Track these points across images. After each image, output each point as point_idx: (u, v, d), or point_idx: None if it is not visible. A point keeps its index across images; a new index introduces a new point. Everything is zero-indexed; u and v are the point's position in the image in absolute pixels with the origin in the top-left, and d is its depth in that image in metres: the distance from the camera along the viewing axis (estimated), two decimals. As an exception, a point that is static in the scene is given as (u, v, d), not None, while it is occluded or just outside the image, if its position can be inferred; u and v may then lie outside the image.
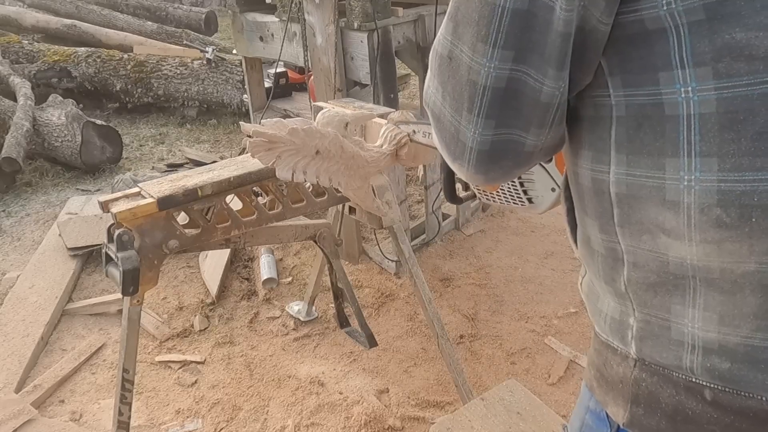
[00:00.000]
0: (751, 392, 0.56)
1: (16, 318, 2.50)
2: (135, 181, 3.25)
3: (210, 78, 5.00)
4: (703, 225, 0.55)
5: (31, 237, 3.30)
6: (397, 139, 1.61)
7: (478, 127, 0.62)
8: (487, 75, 0.59)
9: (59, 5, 7.66)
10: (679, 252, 0.57)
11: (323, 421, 2.02)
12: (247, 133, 1.41)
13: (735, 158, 0.52)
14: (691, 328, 0.58)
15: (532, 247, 3.02)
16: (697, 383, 0.59)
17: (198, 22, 7.58)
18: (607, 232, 0.64)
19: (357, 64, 2.44)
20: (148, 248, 1.47)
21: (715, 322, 0.57)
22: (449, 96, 0.64)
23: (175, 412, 2.10)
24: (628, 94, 0.58)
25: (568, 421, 0.82)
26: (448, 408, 2.05)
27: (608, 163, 0.61)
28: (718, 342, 0.57)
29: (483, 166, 0.65)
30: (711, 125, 0.52)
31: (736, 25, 0.50)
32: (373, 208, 1.71)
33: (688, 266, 0.57)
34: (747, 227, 0.53)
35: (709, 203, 0.54)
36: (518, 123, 0.62)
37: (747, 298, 0.55)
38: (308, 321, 2.52)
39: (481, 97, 0.61)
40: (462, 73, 0.61)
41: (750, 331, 0.55)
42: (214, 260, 2.86)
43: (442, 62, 0.64)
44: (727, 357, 0.57)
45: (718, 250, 0.55)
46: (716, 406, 0.58)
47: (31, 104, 4.21)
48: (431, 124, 0.70)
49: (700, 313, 0.58)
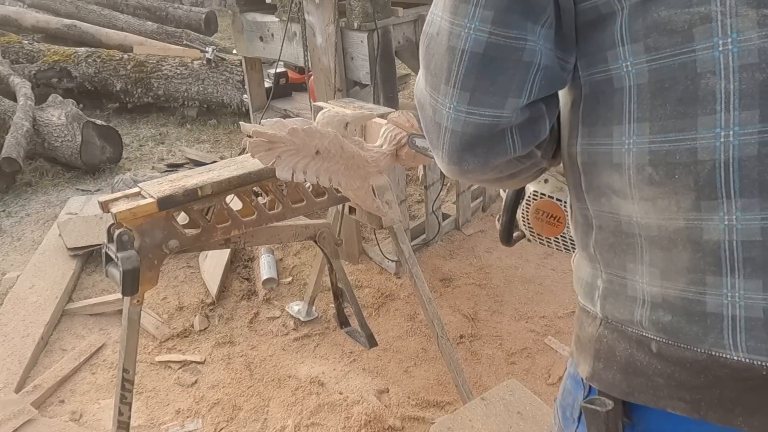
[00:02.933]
0: (687, 344, 0.59)
1: (16, 318, 2.50)
2: (135, 181, 3.25)
3: (210, 78, 5.00)
4: (639, 183, 0.60)
5: (31, 237, 3.30)
6: (397, 139, 1.61)
7: (453, 100, 0.63)
8: (467, 38, 0.61)
9: (59, 5, 7.66)
10: (627, 210, 0.63)
11: (323, 421, 2.02)
12: (247, 133, 1.41)
13: (662, 121, 0.57)
14: (641, 284, 0.63)
15: (532, 247, 3.02)
16: (646, 336, 0.63)
17: (198, 22, 7.58)
18: (580, 199, 0.69)
19: (357, 64, 2.44)
20: (148, 248, 1.47)
21: (658, 276, 0.61)
22: (430, 74, 0.65)
23: (175, 412, 2.10)
24: (590, 73, 0.63)
25: None
26: (448, 408, 2.05)
27: (576, 136, 0.66)
28: (661, 296, 0.61)
29: (456, 153, 0.66)
30: (644, 94, 0.59)
31: (662, 4, 0.56)
32: (373, 208, 1.71)
33: (634, 224, 0.63)
34: (672, 184, 0.58)
35: (643, 163, 0.59)
36: (493, 95, 0.63)
37: (680, 254, 0.59)
38: (308, 321, 2.52)
39: (458, 63, 0.62)
40: (443, 42, 0.63)
41: (684, 285, 0.59)
42: (214, 260, 2.86)
43: (430, 41, 0.66)
44: (668, 310, 0.61)
45: (654, 207, 0.60)
46: (660, 357, 0.61)
47: (31, 104, 4.21)
48: None
49: (646, 269, 0.62)
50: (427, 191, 2.90)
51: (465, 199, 3.17)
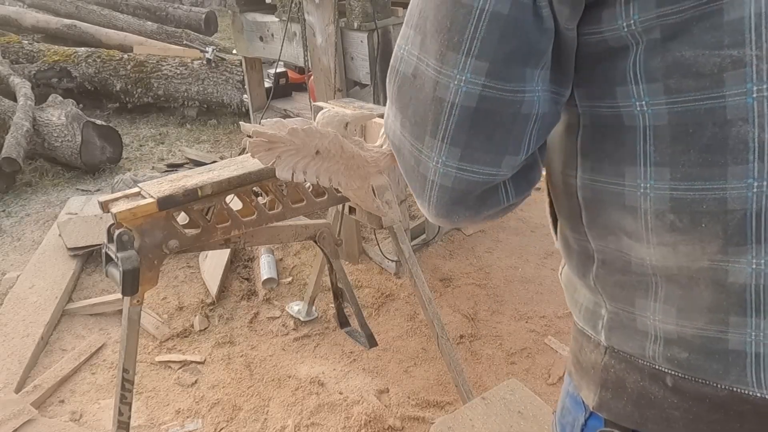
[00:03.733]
0: (707, 379, 0.59)
1: (16, 318, 2.50)
2: (135, 181, 3.25)
3: (210, 78, 5.00)
4: (658, 229, 0.57)
5: (31, 237, 3.30)
6: (397, 139, 1.61)
7: (441, 155, 0.58)
8: (457, 90, 0.55)
9: (59, 5, 7.66)
10: (639, 253, 0.60)
11: (323, 421, 2.02)
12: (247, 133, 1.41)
13: (685, 168, 0.54)
14: (653, 320, 0.61)
15: (532, 247, 3.02)
16: (660, 370, 0.61)
17: (198, 22, 7.58)
18: (577, 231, 0.66)
19: (357, 64, 2.44)
20: (148, 248, 1.47)
21: (674, 315, 0.60)
22: (409, 122, 0.59)
23: (175, 412, 2.10)
24: (593, 105, 0.59)
25: None
26: (448, 408, 2.05)
27: (575, 167, 0.62)
28: (677, 333, 0.60)
29: (444, 207, 0.62)
30: (663, 137, 0.55)
31: (686, 44, 0.52)
32: (373, 208, 1.71)
33: (648, 266, 0.60)
34: (698, 232, 0.55)
35: (663, 209, 0.56)
36: (488, 153, 0.58)
37: (702, 293, 0.58)
38: (308, 321, 2.52)
39: (447, 117, 0.56)
40: (427, 90, 0.57)
41: (704, 324, 0.58)
42: (214, 260, 2.86)
43: (404, 82, 0.59)
44: (685, 347, 0.60)
45: (674, 251, 0.58)
46: (676, 391, 0.61)
47: (31, 104, 4.21)
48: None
49: (660, 306, 0.61)
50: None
51: (465, 199, 3.17)
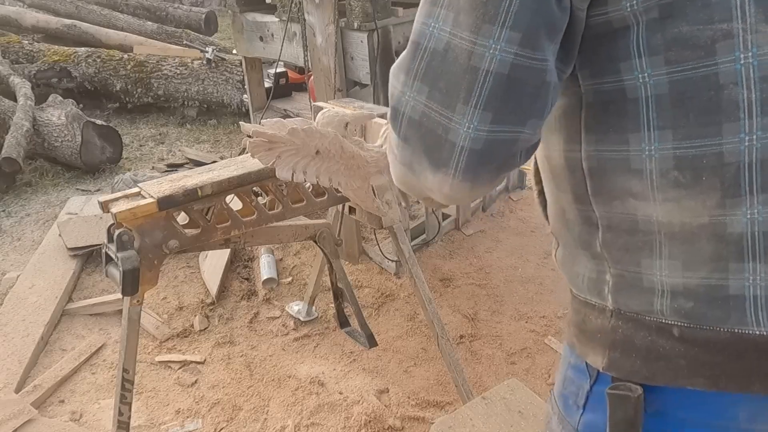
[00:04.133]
0: (710, 325, 0.66)
1: (16, 318, 2.50)
2: (135, 181, 3.25)
3: (210, 78, 5.00)
4: (663, 186, 0.65)
5: (31, 237, 3.30)
6: (397, 139, 1.61)
7: (473, 120, 0.62)
8: (492, 59, 0.61)
9: (59, 5, 7.66)
10: (646, 211, 0.67)
11: (323, 421, 2.02)
12: (247, 133, 1.41)
13: (686, 129, 0.62)
14: (660, 276, 0.68)
15: (532, 247, 3.02)
16: (667, 323, 0.68)
17: (198, 22, 7.58)
18: (582, 202, 0.72)
19: (357, 64, 2.44)
20: (148, 248, 1.47)
21: (680, 268, 0.67)
22: (439, 93, 0.64)
23: (175, 412, 2.10)
24: (596, 83, 0.66)
25: None
26: (448, 408, 2.05)
27: (579, 143, 0.69)
28: (682, 285, 0.67)
29: (471, 170, 0.65)
30: (665, 104, 0.63)
31: (683, 21, 0.60)
32: (373, 208, 1.71)
33: (654, 223, 0.67)
34: (699, 185, 0.63)
35: (668, 167, 0.64)
36: (519, 117, 0.64)
37: (704, 246, 0.65)
38: (308, 321, 2.52)
39: (481, 84, 0.62)
40: (461, 61, 0.62)
41: (707, 273, 0.65)
42: (214, 260, 2.86)
43: (434, 57, 0.64)
44: (690, 297, 0.66)
45: (678, 207, 0.65)
46: (683, 341, 0.67)
47: (31, 104, 4.21)
48: (396, 142, 0.69)
49: (666, 262, 0.67)
50: (427, 191, 2.89)
51: (465, 199, 3.17)
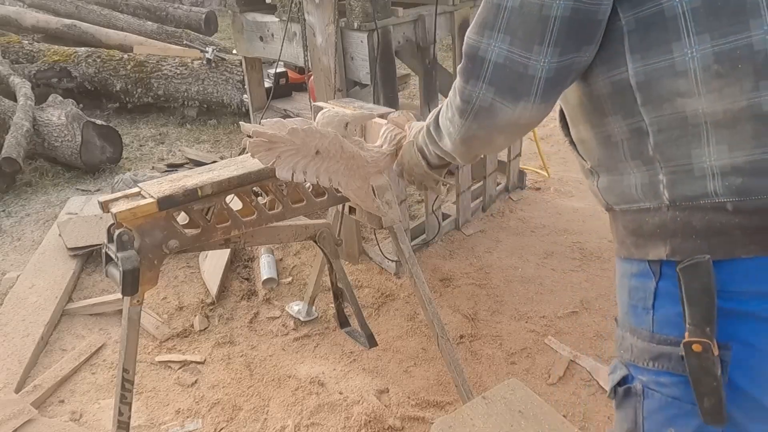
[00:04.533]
0: (759, 195, 0.78)
1: (16, 318, 2.50)
2: (135, 181, 3.25)
3: (210, 78, 5.00)
4: (706, 79, 0.80)
5: (31, 237, 3.30)
6: (397, 139, 1.61)
7: (547, 56, 0.85)
8: (557, 6, 0.82)
9: (59, 5, 7.66)
10: (693, 106, 0.81)
11: (323, 421, 2.02)
12: (247, 133, 1.41)
13: (720, 29, 0.78)
14: (709, 162, 0.81)
15: (532, 247, 3.02)
16: (721, 202, 0.80)
17: (198, 22, 7.58)
18: (632, 115, 0.86)
19: (357, 64, 2.44)
20: (148, 248, 1.47)
21: (726, 151, 0.80)
22: (519, 40, 0.85)
23: (175, 412, 2.10)
24: (635, 13, 0.83)
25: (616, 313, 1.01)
26: (448, 408, 2.05)
27: (624, 65, 0.85)
28: (730, 165, 0.80)
29: (548, 94, 0.87)
30: (700, 13, 0.79)
31: None
32: (373, 208, 1.71)
33: (700, 114, 0.81)
34: (736, 72, 0.78)
35: (709, 63, 0.79)
36: (577, 46, 0.85)
37: (745, 127, 0.79)
38: (308, 321, 2.52)
39: (552, 28, 0.83)
40: (533, 12, 0.83)
41: (751, 150, 0.79)
42: (214, 260, 2.87)
43: (512, 13, 0.85)
44: (739, 174, 0.79)
45: (720, 95, 0.79)
46: (737, 213, 0.79)
47: (31, 104, 4.21)
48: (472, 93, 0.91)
49: (714, 148, 0.81)
50: (427, 191, 2.89)
51: (465, 199, 3.17)
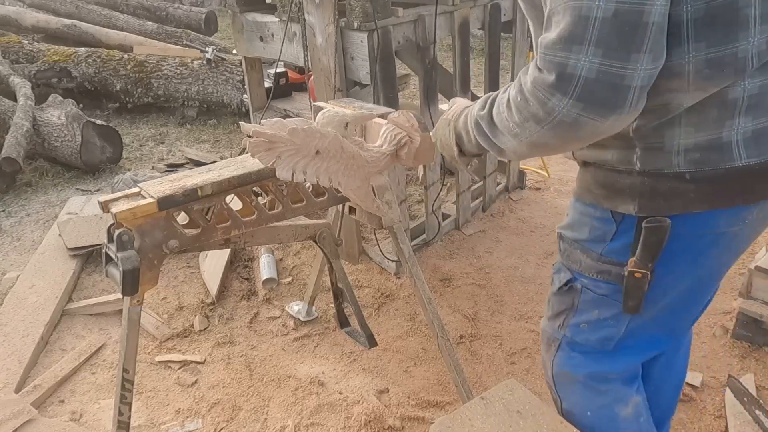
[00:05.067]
0: (711, 167, 1.00)
1: (16, 318, 2.50)
2: (135, 181, 3.25)
3: (210, 78, 5.00)
4: (697, 80, 0.96)
5: (31, 237, 3.30)
6: (397, 139, 1.61)
7: (644, 63, 0.88)
8: (656, 13, 0.87)
9: (59, 5, 7.66)
10: (679, 100, 0.99)
11: (323, 421, 2.02)
12: (247, 133, 1.41)
13: (714, 38, 0.93)
14: (678, 141, 1.01)
15: (532, 247, 3.02)
16: (681, 171, 1.02)
17: (198, 22, 7.58)
18: None
19: (357, 64, 2.44)
20: (148, 248, 1.47)
21: (692, 132, 1.00)
22: (613, 51, 0.87)
23: (175, 412, 2.10)
24: (708, 6, 0.92)
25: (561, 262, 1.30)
26: (448, 408, 2.05)
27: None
28: (694, 143, 1.00)
29: (641, 101, 0.93)
30: (700, 24, 0.92)
31: None
32: (373, 208, 1.71)
33: (682, 106, 0.99)
34: (721, 75, 0.96)
35: (701, 67, 0.96)
36: (662, 52, 0.91)
37: (711, 112, 0.99)
38: (308, 321, 2.52)
39: (649, 34, 0.87)
40: (631, 21, 0.86)
41: (711, 130, 0.99)
42: (214, 260, 2.87)
43: (603, 25, 0.86)
44: (698, 150, 1.00)
45: (705, 92, 0.97)
46: (693, 181, 1.02)
47: (31, 104, 4.21)
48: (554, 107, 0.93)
49: (683, 129, 1.00)
50: (427, 191, 2.90)
51: (465, 199, 3.17)
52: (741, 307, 2.23)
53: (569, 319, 1.30)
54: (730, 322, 2.35)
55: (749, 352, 2.23)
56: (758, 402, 1.91)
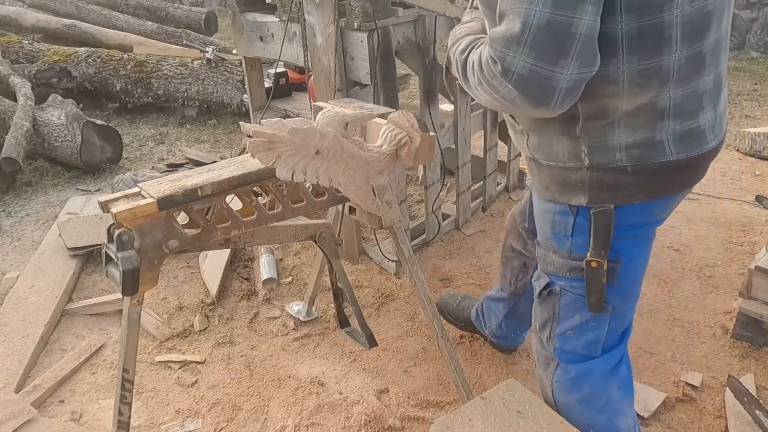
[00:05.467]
0: (648, 161, 1.18)
1: (16, 318, 2.50)
2: (135, 181, 3.25)
3: (210, 78, 5.00)
4: (630, 88, 1.13)
5: (31, 237, 3.30)
6: (397, 139, 1.61)
7: (571, 69, 1.02)
8: (583, 26, 1.00)
9: (59, 5, 7.66)
10: (615, 104, 1.15)
11: (323, 421, 2.02)
12: (247, 133, 1.41)
13: (644, 52, 1.11)
14: (618, 140, 1.18)
15: (532, 247, 3.02)
16: (624, 166, 1.19)
17: (198, 22, 7.58)
18: (571, 107, 1.12)
19: (357, 64, 2.44)
20: (148, 248, 1.47)
21: (631, 132, 1.17)
22: (544, 54, 1.01)
23: (175, 412, 2.10)
24: (640, 20, 1.06)
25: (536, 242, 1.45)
26: (448, 408, 2.05)
27: None
28: (633, 141, 1.17)
29: (567, 101, 1.07)
30: (633, 40, 1.09)
31: None
32: (373, 208, 1.71)
33: (619, 110, 1.15)
34: (650, 84, 1.12)
35: (634, 76, 1.12)
36: (592, 60, 1.04)
37: (645, 116, 1.16)
38: (308, 321, 2.52)
39: (576, 44, 1.01)
40: (561, 31, 0.99)
41: (646, 131, 1.17)
42: (214, 260, 2.87)
43: (538, 32, 1.00)
44: (636, 147, 1.17)
45: (636, 98, 1.13)
46: (634, 174, 1.19)
47: (31, 104, 4.21)
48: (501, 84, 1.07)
49: (622, 130, 1.17)
50: (427, 191, 2.90)
51: (465, 199, 3.17)
52: (741, 307, 2.23)
53: (555, 328, 1.40)
54: (730, 322, 2.35)
55: (749, 352, 2.23)
56: (758, 402, 1.91)
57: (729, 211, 3.26)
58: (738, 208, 3.30)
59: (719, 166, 3.76)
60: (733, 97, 5.18)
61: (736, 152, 3.99)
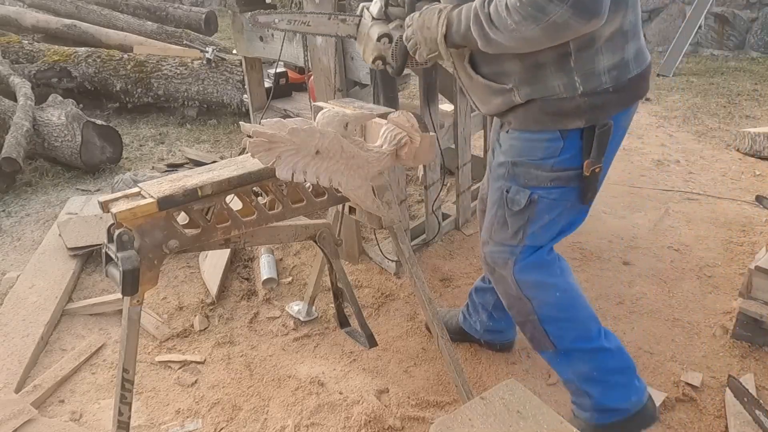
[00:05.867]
0: (621, 79, 1.44)
1: (16, 318, 2.50)
2: (135, 181, 3.25)
3: (210, 78, 5.00)
4: (609, 20, 1.35)
5: (31, 237, 3.30)
6: (397, 139, 1.62)
7: None
8: None
9: (59, 5, 7.66)
10: (600, 32, 1.35)
11: (323, 421, 2.02)
12: (247, 133, 1.41)
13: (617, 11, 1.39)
14: (602, 65, 1.41)
15: (532, 247, 3.02)
16: (608, 87, 1.43)
17: (198, 22, 7.58)
18: (563, 45, 1.35)
19: (357, 64, 2.44)
20: (148, 248, 1.47)
21: (610, 56, 1.41)
22: None
23: (175, 412, 2.10)
24: None
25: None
26: (448, 408, 2.05)
27: (568, 45, 1.41)
28: (612, 64, 1.41)
29: (608, 9, 1.26)
30: None
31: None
32: (373, 208, 1.71)
33: (600, 36, 1.37)
34: (619, 7, 1.38)
35: (614, 30, 1.40)
36: None
37: (618, 40, 1.40)
38: (308, 321, 2.52)
39: None
40: None
41: (620, 52, 1.42)
42: (214, 260, 2.87)
43: None
44: (615, 69, 1.42)
45: (611, 23, 1.35)
46: (615, 92, 1.44)
47: (31, 104, 4.21)
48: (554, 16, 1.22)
49: (605, 56, 1.40)
50: (427, 191, 2.90)
51: (465, 199, 3.17)
52: (741, 307, 2.23)
53: (527, 230, 1.64)
54: (730, 322, 2.35)
55: (749, 352, 2.23)
56: (758, 402, 1.91)
57: (729, 211, 3.26)
58: (738, 208, 3.30)
59: (719, 166, 3.76)
60: (733, 97, 5.19)
61: (736, 152, 3.99)
